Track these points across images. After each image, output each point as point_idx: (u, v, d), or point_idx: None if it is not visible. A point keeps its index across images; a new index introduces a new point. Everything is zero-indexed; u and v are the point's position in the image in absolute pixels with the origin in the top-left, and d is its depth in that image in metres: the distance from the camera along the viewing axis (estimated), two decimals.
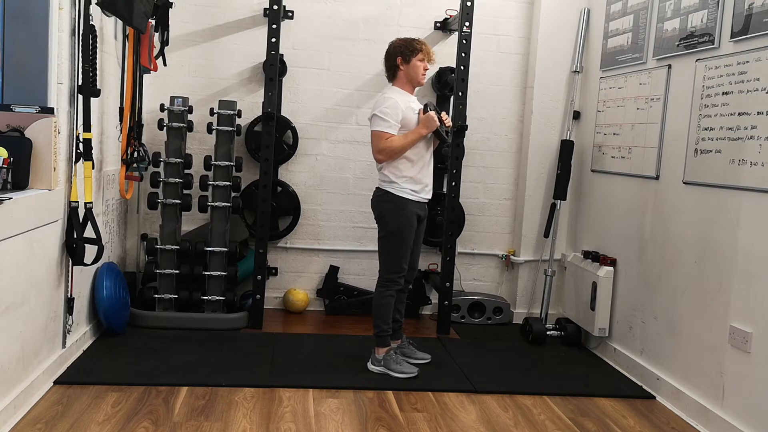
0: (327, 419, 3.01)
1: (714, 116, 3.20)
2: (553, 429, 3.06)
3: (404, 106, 3.47)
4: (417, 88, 3.66)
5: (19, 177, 2.86)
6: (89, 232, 3.30)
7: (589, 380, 3.72)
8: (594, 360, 4.09)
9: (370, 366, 3.61)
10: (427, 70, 3.58)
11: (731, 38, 3.10)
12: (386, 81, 4.79)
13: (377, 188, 3.58)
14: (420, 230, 3.68)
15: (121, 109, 3.96)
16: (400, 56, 3.54)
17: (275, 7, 4.13)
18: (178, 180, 4.24)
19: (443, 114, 3.59)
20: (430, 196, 3.60)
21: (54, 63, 3.06)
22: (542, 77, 4.69)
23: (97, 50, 3.32)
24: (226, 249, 4.28)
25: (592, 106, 4.47)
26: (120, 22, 3.87)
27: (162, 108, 4.29)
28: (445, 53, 4.77)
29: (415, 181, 3.50)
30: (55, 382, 3.16)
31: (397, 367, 3.55)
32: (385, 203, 3.52)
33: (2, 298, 2.60)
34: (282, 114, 4.68)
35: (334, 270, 4.81)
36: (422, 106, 3.54)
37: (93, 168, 3.39)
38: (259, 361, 3.65)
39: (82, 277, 3.56)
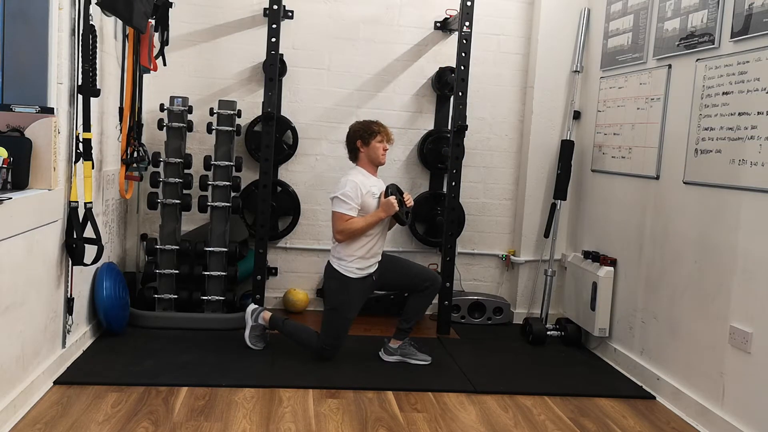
0: (327, 419, 3.00)
1: (714, 116, 3.20)
2: (553, 429, 3.06)
3: (365, 191, 3.62)
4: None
5: (19, 177, 2.86)
6: (89, 232, 3.30)
7: (589, 380, 3.72)
8: (594, 360, 4.09)
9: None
10: (386, 150, 3.73)
11: (731, 38, 3.10)
12: (386, 80, 4.82)
13: (328, 261, 3.74)
14: (389, 263, 3.78)
15: (121, 109, 3.96)
16: (360, 139, 3.69)
17: (275, 7, 4.13)
18: (177, 180, 4.24)
19: (406, 194, 3.74)
20: (375, 268, 3.72)
21: (54, 63, 3.06)
22: (542, 77, 4.69)
23: (97, 50, 3.32)
24: (225, 249, 4.28)
25: (593, 106, 4.47)
26: (120, 22, 3.87)
27: (162, 108, 4.29)
28: (445, 53, 4.78)
29: (363, 259, 3.65)
30: (55, 382, 3.16)
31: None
32: (332, 280, 3.71)
33: (2, 298, 2.60)
34: (282, 114, 4.68)
35: None
36: (384, 188, 3.67)
37: (93, 168, 3.39)
38: (259, 361, 3.65)
39: (82, 277, 3.56)
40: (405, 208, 3.72)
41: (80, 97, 3.26)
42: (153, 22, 4.08)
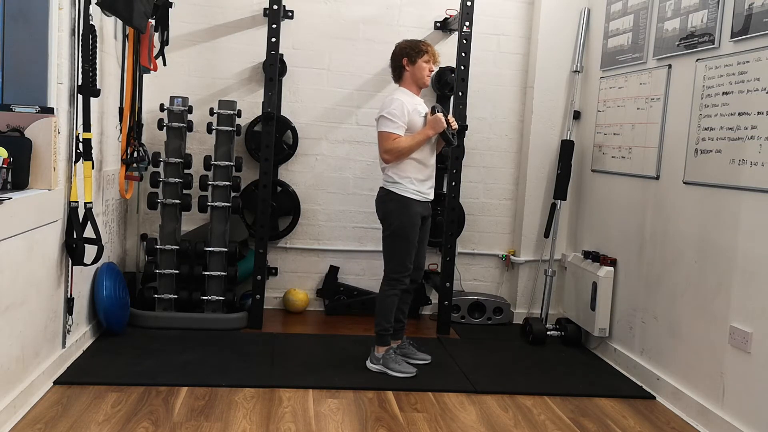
0: (327, 419, 3.00)
1: (714, 116, 3.20)
2: (553, 429, 3.06)
3: (411, 108, 3.51)
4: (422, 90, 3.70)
5: (19, 177, 2.86)
6: (89, 232, 3.30)
7: (589, 380, 3.72)
8: (594, 360, 4.09)
9: (369, 364, 3.63)
10: (432, 71, 3.63)
11: (731, 38, 3.10)
12: (386, 80, 4.80)
13: (381, 188, 3.61)
14: (425, 230, 3.69)
15: (121, 109, 3.96)
16: (406, 57, 3.57)
17: (275, 7, 4.13)
18: (177, 180, 4.24)
19: (450, 117, 3.64)
20: (432, 196, 3.64)
21: (54, 63, 3.06)
22: (542, 77, 4.69)
23: (97, 50, 3.32)
24: (225, 249, 4.28)
25: (593, 106, 4.47)
26: (120, 22, 3.87)
27: (162, 108, 4.29)
28: (445, 53, 4.74)
29: (418, 181, 3.53)
30: (55, 382, 3.16)
31: (395, 366, 3.56)
32: (389, 203, 3.54)
33: (2, 298, 2.60)
34: (282, 114, 4.68)
35: (334, 270, 4.80)
36: (430, 108, 3.58)
37: (93, 168, 3.39)
38: (259, 361, 3.65)
39: (82, 277, 3.56)
40: (451, 129, 3.61)
41: (80, 97, 3.26)
42: (153, 22, 4.07)
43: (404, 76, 3.60)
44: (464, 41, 4.25)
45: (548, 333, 4.36)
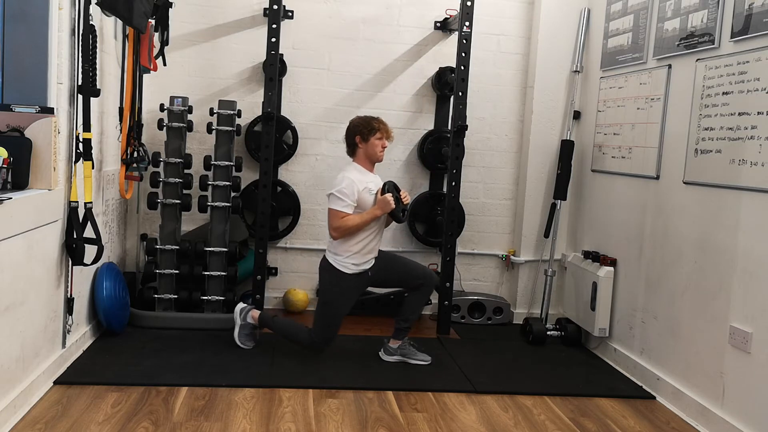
0: (327, 419, 3.00)
1: (714, 116, 3.20)
2: (553, 429, 3.06)
3: (361, 187, 3.58)
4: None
5: (19, 177, 2.86)
6: (89, 232, 3.30)
7: (589, 380, 3.72)
8: (594, 360, 4.09)
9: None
10: (385, 147, 3.70)
11: (731, 38, 3.10)
12: (386, 80, 4.81)
13: (324, 255, 3.72)
14: (387, 260, 3.77)
15: (121, 109, 3.96)
16: (359, 135, 3.67)
17: (275, 7, 4.13)
18: (177, 180, 4.24)
19: (402, 192, 3.71)
20: (371, 264, 3.70)
21: (54, 63, 3.06)
22: (542, 77, 4.69)
23: (97, 50, 3.32)
24: (225, 249, 4.27)
25: (593, 106, 4.47)
26: (120, 22, 3.87)
27: (162, 108, 4.29)
28: (445, 53, 4.78)
29: (359, 255, 3.63)
30: (55, 382, 3.16)
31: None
32: (326, 274, 3.69)
33: (2, 298, 2.60)
34: (282, 114, 4.68)
35: None
36: (382, 185, 3.65)
37: (93, 168, 3.39)
38: (259, 361, 3.65)
39: (82, 277, 3.56)
40: (402, 206, 3.68)
41: (80, 97, 3.26)
42: (153, 22, 4.07)
43: (357, 153, 3.70)
44: (464, 41, 4.25)
45: (548, 333, 4.36)
